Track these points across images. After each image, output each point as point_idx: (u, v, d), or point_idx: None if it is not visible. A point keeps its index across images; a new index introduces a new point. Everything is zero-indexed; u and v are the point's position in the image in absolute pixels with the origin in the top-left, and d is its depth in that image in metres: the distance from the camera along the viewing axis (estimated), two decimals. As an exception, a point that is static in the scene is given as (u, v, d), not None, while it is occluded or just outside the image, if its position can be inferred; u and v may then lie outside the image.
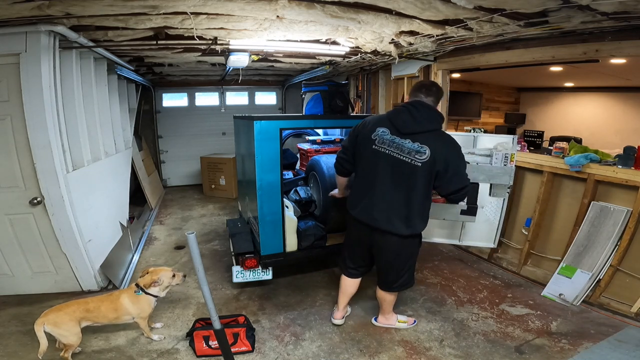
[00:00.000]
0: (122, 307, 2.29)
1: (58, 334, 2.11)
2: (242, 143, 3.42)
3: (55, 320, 2.09)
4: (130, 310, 2.31)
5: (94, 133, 3.43)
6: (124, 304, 2.30)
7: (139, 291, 2.33)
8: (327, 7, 2.31)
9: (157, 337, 2.45)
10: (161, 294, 2.40)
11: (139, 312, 2.34)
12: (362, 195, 2.27)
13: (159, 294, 2.39)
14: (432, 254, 3.89)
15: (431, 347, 2.40)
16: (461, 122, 6.12)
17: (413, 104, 2.14)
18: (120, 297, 2.32)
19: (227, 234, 4.04)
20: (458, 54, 3.70)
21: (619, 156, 2.80)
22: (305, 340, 2.47)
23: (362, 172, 2.28)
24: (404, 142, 2.09)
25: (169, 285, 2.42)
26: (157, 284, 2.35)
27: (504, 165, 2.72)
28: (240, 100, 7.49)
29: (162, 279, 2.37)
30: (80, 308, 2.19)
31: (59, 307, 2.17)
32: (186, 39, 3.02)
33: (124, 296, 2.32)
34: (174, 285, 2.47)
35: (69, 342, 2.13)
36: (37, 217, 2.74)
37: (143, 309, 2.34)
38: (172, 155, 7.22)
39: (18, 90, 2.51)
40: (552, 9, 2.20)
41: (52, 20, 2.40)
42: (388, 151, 2.12)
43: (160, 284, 2.36)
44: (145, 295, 2.34)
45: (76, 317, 2.16)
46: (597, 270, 2.81)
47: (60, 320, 2.11)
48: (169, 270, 2.43)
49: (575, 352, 2.30)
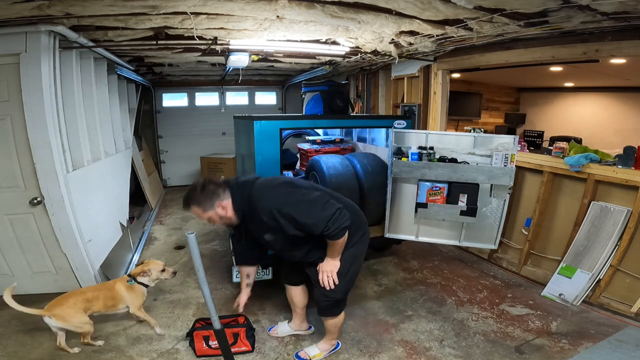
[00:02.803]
0: (119, 295, 2.41)
1: (72, 328, 2.22)
2: (242, 143, 3.42)
3: (62, 315, 2.17)
4: (125, 298, 2.43)
5: (94, 133, 3.43)
6: (119, 291, 2.42)
7: (132, 280, 2.45)
8: (327, 7, 2.31)
9: (159, 330, 2.51)
10: (151, 284, 2.53)
11: (132, 300, 2.44)
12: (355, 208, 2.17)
13: (149, 284, 2.52)
14: (432, 254, 3.89)
15: (431, 347, 2.40)
16: (461, 122, 6.12)
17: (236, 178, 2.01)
18: (115, 285, 2.44)
19: (227, 234, 4.04)
20: (458, 54, 3.70)
21: (619, 156, 2.80)
22: (305, 340, 2.47)
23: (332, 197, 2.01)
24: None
25: (157, 278, 2.54)
26: (146, 275, 2.49)
27: (504, 165, 2.72)
28: (240, 100, 7.49)
29: (152, 270, 2.50)
30: (80, 299, 2.28)
31: (58, 300, 2.23)
32: (186, 39, 3.02)
33: (118, 284, 2.44)
34: (162, 279, 2.58)
35: (84, 331, 2.27)
36: (37, 217, 2.74)
37: (136, 296, 2.46)
38: (172, 155, 7.22)
39: (18, 90, 2.51)
40: (552, 9, 2.20)
41: (52, 20, 2.40)
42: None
43: (149, 275, 2.49)
44: (137, 285, 2.46)
45: (80, 308, 2.25)
46: (597, 270, 2.81)
47: (67, 314, 2.19)
48: (160, 264, 2.56)
49: (575, 352, 2.29)
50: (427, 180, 2.87)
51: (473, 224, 2.92)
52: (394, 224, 3.15)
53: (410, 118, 3.27)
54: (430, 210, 2.88)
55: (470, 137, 2.91)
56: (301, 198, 1.86)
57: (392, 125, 3.07)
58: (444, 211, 2.87)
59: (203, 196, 1.82)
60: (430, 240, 3.18)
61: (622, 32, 2.56)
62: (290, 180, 2.09)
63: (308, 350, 2.30)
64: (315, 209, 1.81)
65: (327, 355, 2.30)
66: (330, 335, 2.30)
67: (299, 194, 1.89)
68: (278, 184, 1.95)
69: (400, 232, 3.17)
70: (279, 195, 1.87)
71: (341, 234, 1.85)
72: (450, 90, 4.23)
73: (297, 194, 1.88)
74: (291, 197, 1.86)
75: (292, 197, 1.86)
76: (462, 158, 2.87)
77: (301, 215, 1.81)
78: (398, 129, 3.05)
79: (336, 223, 1.79)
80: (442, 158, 2.89)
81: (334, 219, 1.79)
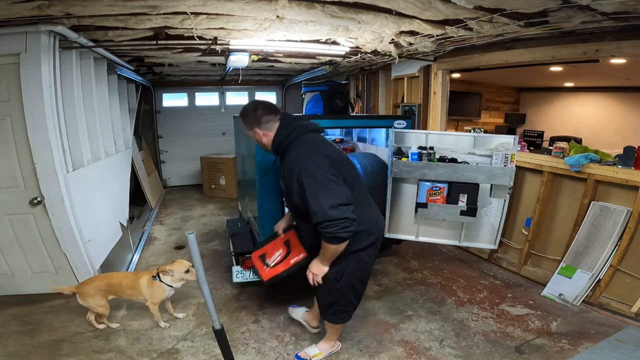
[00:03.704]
0: (138, 287, 2.48)
1: (87, 305, 2.42)
2: (242, 143, 3.42)
3: (83, 294, 2.41)
4: (144, 292, 2.48)
5: (94, 133, 3.43)
6: (140, 284, 2.48)
7: (156, 277, 2.47)
8: (327, 7, 2.31)
9: (163, 325, 2.56)
10: (175, 284, 2.51)
11: (150, 296, 2.49)
12: (367, 217, 1.98)
13: (173, 284, 2.51)
14: (432, 254, 3.89)
15: (431, 347, 2.40)
16: (461, 122, 6.12)
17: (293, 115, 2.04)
18: (141, 278, 2.50)
19: (227, 234, 4.04)
20: (458, 54, 3.70)
21: (619, 156, 2.80)
22: (305, 340, 2.47)
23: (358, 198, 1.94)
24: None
25: (182, 279, 2.51)
26: (169, 274, 2.47)
27: (504, 165, 2.72)
28: (240, 100, 7.48)
29: (174, 271, 2.48)
30: (104, 282, 2.47)
31: (86, 281, 2.51)
32: (186, 39, 3.02)
33: (143, 278, 2.50)
34: (188, 280, 2.54)
35: (98, 312, 2.46)
36: (37, 217, 2.74)
37: (154, 294, 2.49)
38: (172, 155, 7.22)
39: (18, 90, 2.51)
40: (552, 9, 2.20)
41: (52, 20, 2.40)
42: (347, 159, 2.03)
43: (171, 275, 2.48)
44: (159, 283, 2.47)
45: (101, 290, 2.43)
46: (597, 270, 2.81)
47: (86, 292, 2.41)
48: (185, 264, 2.53)
49: (575, 352, 2.30)
50: (427, 180, 2.87)
51: (473, 224, 2.92)
52: (394, 224, 3.15)
53: (410, 118, 3.27)
54: (430, 210, 2.88)
55: (470, 137, 2.91)
56: (324, 180, 1.75)
57: (392, 125, 3.07)
58: (444, 211, 2.87)
59: (248, 117, 1.96)
60: (430, 240, 3.18)
61: (622, 32, 2.56)
62: (333, 156, 1.88)
63: (308, 351, 2.29)
64: (326, 200, 1.71)
65: (327, 355, 2.29)
66: (330, 336, 2.29)
67: (327, 176, 1.76)
68: (319, 153, 1.84)
69: (400, 232, 3.17)
70: (310, 162, 1.79)
71: (334, 241, 1.76)
72: (450, 90, 4.23)
73: (325, 175, 1.76)
74: (317, 173, 1.76)
75: (318, 174, 1.76)
76: (462, 158, 2.87)
77: (310, 195, 1.74)
78: (398, 129, 3.06)
79: (334, 228, 1.71)
80: (442, 158, 2.89)
81: (335, 223, 1.70)
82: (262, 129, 1.93)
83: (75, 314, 2.66)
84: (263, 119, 1.92)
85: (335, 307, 2.10)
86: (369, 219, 1.96)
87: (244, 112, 1.98)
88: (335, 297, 2.06)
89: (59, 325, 2.56)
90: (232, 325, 2.61)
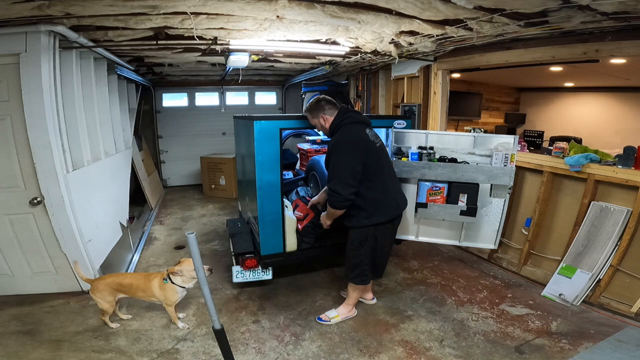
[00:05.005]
0: (150, 289, 2.49)
1: (94, 298, 2.47)
2: (242, 143, 3.42)
3: (94, 286, 2.48)
4: (156, 294, 2.49)
5: (94, 133, 3.43)
6: (152, 286, 2.49)
7: (167, 279, 2.46)
8: (327, 7, 2.31)
9: (182, 325, 2.57)
10: (186, 284, 2.50)
11: (163, 298, 2.50)
12: (383, 197, 2.43)
13: (184, 285, 2.49)
14: (432, 254, 3.89)
15: (431, 347, 2.40)
16: (461, 122, 6.12)
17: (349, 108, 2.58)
18: (152, 280, 2.50)
19: (227, 234, 4.04)
20: (458, 54, 3.70)
21: (619, 156, 2.80)
22: (305, 340, 2.47)
23: (374, 177, 2.39)
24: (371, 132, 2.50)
25: (192, 277, 2.46)
26: (178, 275, 2.44)
27: (504, 165, 2.72)
28: (240, 100, 7.50)
29: (183, 271, 2.45)
30: (116, 281, 2.51)
31: (103, 276, 2.61)
32: (186, 39, 3.03)
33: (155, 281, 2.50)
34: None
35: (102, 308, 2.48)
36: (37, 217, 2.74)
37: (167, 296, 2.49)
38: (172, 155, 7.22)
39: (18, 90, 2.51)
40: (552, 9, 2.20)
41: (52, 20, 2.40)
42: (377, 143, 2.48)
43: (181, 275, 2.45)
44: (171, 284, 2.46)
45: (111, 288, 2.47)
46: (597, 270, 2.81)
47: (96, 287, 2.46)
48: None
49: (575, 352, 2.30)
50: (427, 180, 2.87)
51: (473, 224, 2.92)
52: (394, 224, 3.15)
53: (410, 118, 3.27)
54: (430, 210, 2.88)
55: (470, 137, 2.91)
56: (347, 159, 2.29)
57: (392, 125, 3.07)
58: (444, 211, 2.87)
59: (314, 108, 2.52)
60: (430, 240, 3.18)
61: (622, 32, 2.56)
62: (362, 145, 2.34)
63: (328, 313, 2.70)
64: (341, 174, 2.28)
65: (344, 318, 2.67)
66: (349, 300, 2.70)
67: (348, 160, 2.29)
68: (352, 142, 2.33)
69: (400, 232, 3.16)
70: (344, 146, 2.33)
71: (333, 206, 2.38)
72: (450, 90, 4.23)
73: (347, 159, 2.29)
74: (344, 154, 2.30)
75: (344, 154, 2.30)
76: (462, 158, 2.87)
77: (334, 164, 2.34)
78: (398, 128, 3.06)
79: (334, 198, 2.32)
80: (442, 158, 2.89)
81: (338, 194, 2.28)
82: (326, 114, 2.48)
83: (75, 314, 2.67)
84: (327, 107, 2.48)
85: (358, 269, 2.55)
86: (386, 203, 2.44)
87: (312, 104, 2.53)
88: (358, 260, 2.53)
89: (59, 325, 2.56)
90: (232, 325, 2.61)
